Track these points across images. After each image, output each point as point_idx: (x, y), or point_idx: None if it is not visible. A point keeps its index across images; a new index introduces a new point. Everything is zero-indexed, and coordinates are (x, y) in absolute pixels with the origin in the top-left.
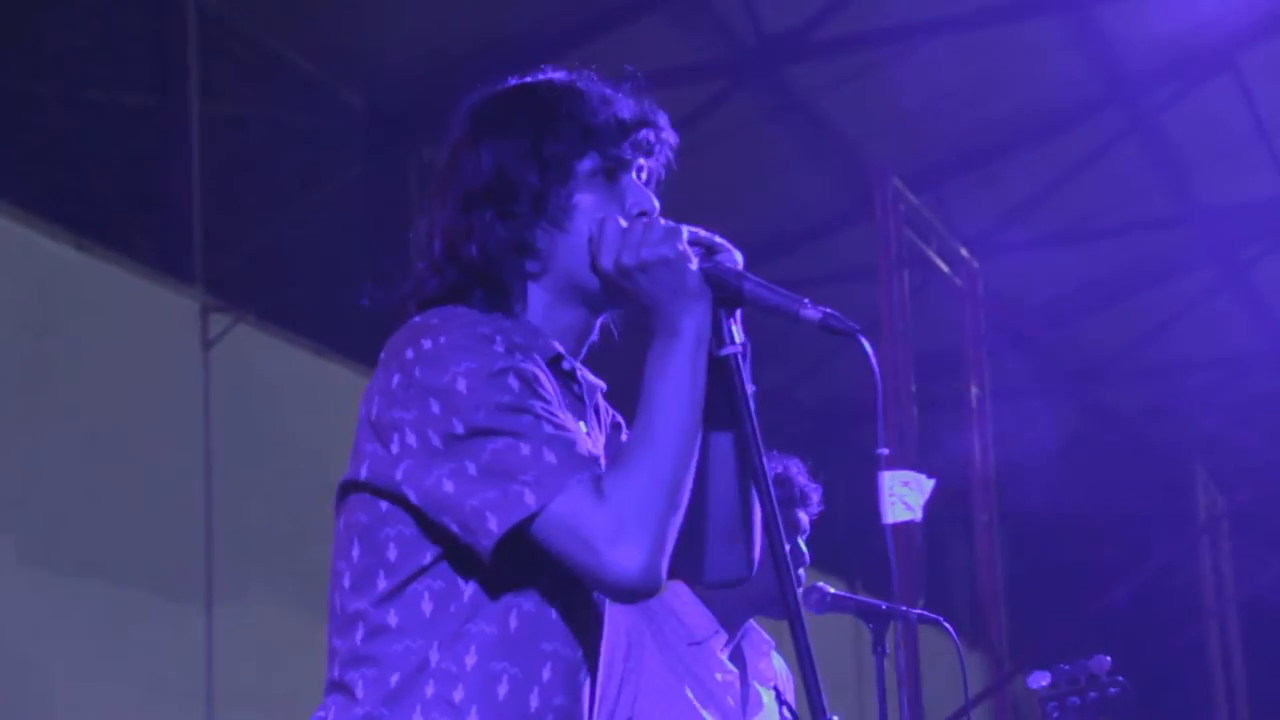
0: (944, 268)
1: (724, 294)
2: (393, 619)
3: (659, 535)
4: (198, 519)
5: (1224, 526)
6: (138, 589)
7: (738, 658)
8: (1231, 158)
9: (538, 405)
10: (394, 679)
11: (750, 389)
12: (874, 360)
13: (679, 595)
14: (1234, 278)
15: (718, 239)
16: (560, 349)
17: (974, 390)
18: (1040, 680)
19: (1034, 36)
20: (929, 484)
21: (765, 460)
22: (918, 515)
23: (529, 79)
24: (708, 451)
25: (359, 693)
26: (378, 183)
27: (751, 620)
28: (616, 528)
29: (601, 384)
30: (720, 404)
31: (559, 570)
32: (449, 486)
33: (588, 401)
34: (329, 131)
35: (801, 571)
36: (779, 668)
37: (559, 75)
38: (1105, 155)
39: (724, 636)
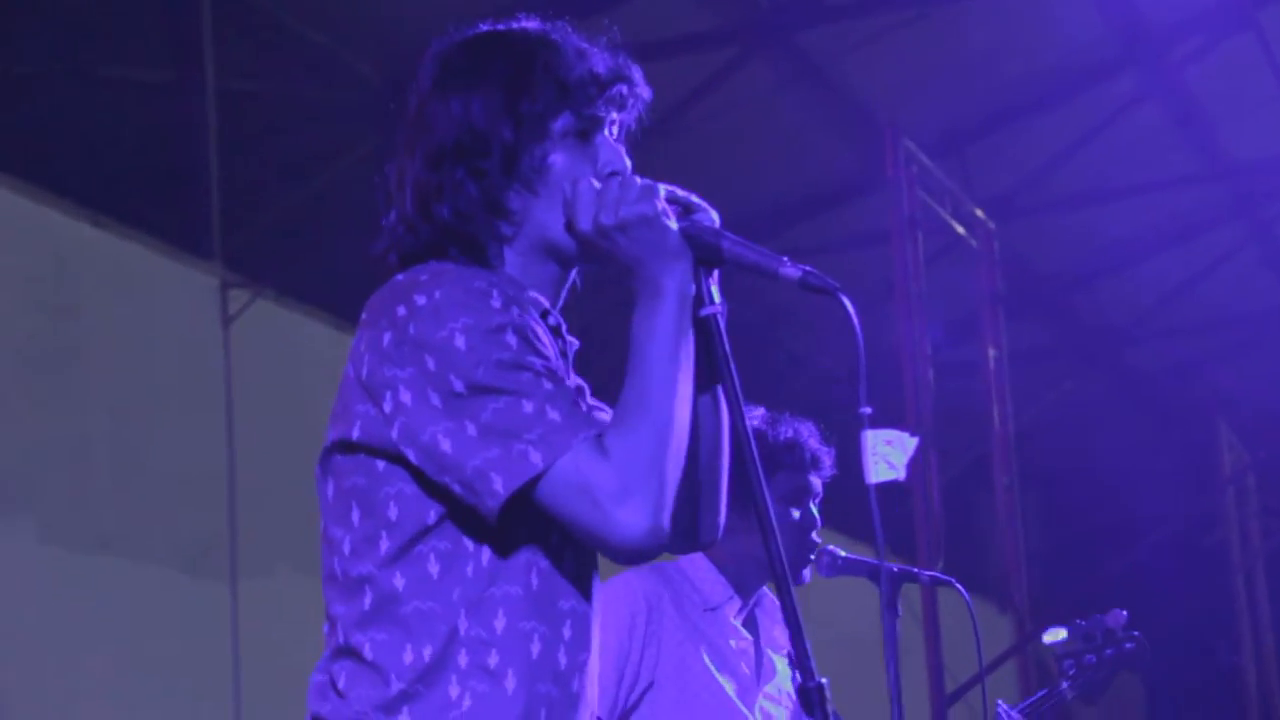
0: (959, 230)
1: (702, 253)
2: (399, 581)
3: (663, 493)
4: (220, 495)
5: (1249, 482)
6: (161, 566)
7: (751, 624)
8: (1254, 114)
9: (536, 362)
10: (426, 652)
11: (726, 350)
12: (855, 318)
13: (694, 561)
14: (1258, 234)
15: (694, 198)
16: (545, 303)
17: (991, 353)
18: (1056, 636)
19: None
20: (912, 442)
21: (747, 421)
22: (901, 474)
23: (501, 26)
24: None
25: (368, 655)
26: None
27: (764, 586)
28: (623, 486)
29: (575, 341)
30: (698, 365)
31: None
32: (446, 445)
33: (570, 357)
34: (345, 105)
35: (815, 535)
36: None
37: (532, 25)
38: (1126, 114)
39: (738, 603)
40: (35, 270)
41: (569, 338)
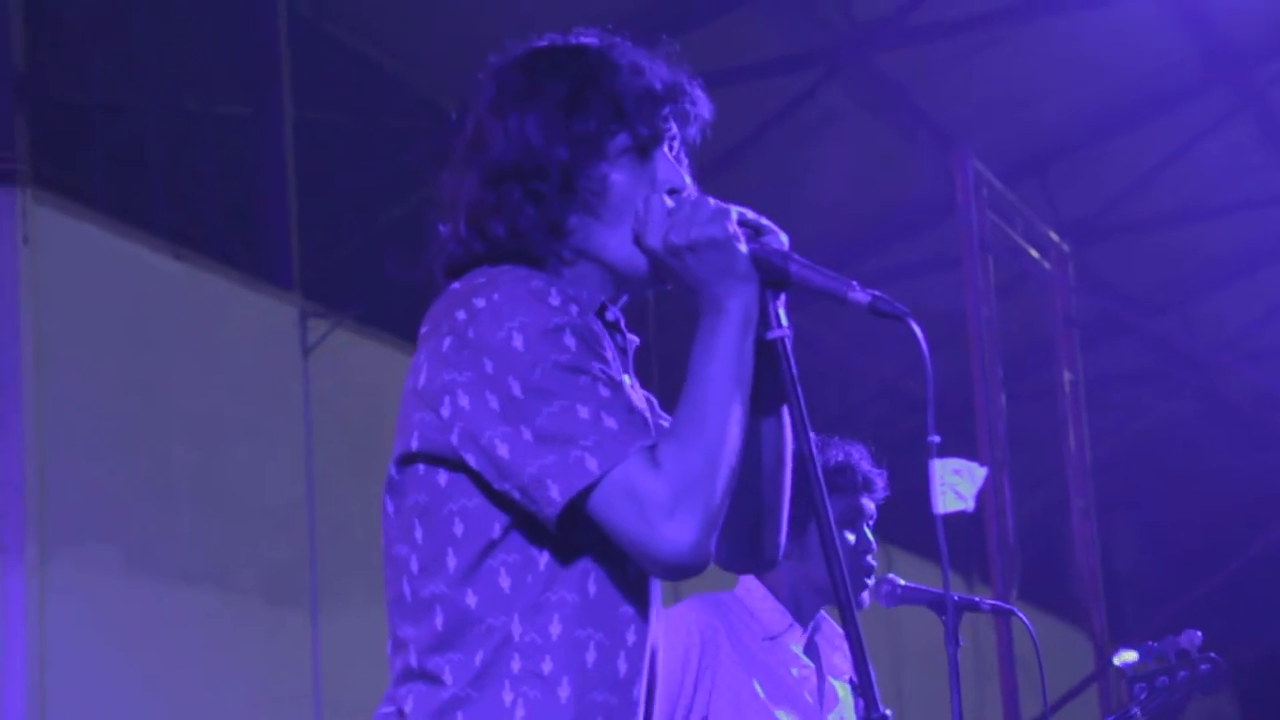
0: (1033, 253)
1: (770, 276)
2: (471, 599)
3: (713, 512)
4: (301, 525)
5: None
6: (243, 596)
7: (812, 651)
8: None
9: (595, 365)
10: (478, 658)
11: (792, 372)
12: (924, 344)
13: (751, 590)
14: None
15: (764, 220)
16: (604, 299)
17: (1067, 376)
18: (1126, 658)
19: (1132, 17)
20: (981, 472)
21: (814, 445)
22: (969, 505)
23: (559, 43)
24: (755, 436)
25: (447, 678)
26: None
27: (823, 612)
28: (674, 499)
29: (635, 339)
30: (761, 389)
31: None
32: (504, 451)
33: (630, 354)
34: (422, 135)
35: (870, 559)
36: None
37: (590, 40)
38: (1212, 134)
39: (799, 630)
40: (118, 302)
41: (629, 335)
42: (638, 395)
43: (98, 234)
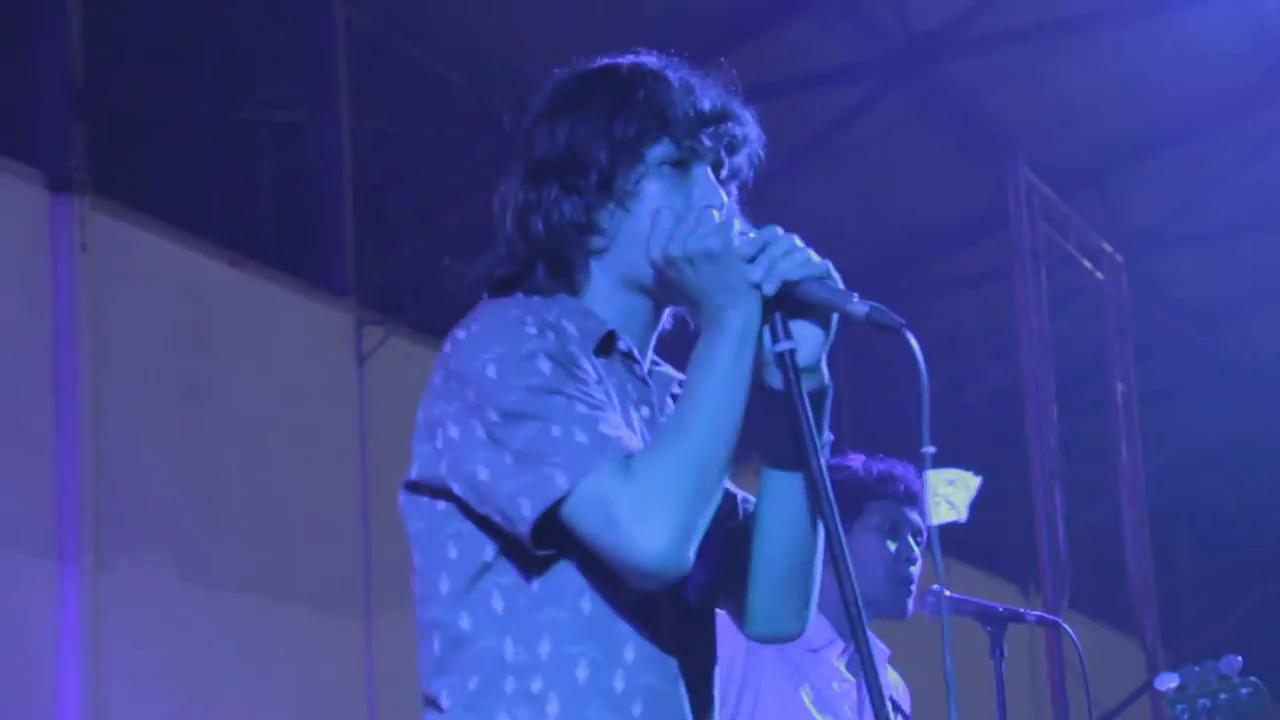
0: (1086, 264)
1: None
2: (465, 622)
3: (685, 518)
4: (355, 532)
5: None
6: (297, 603)
7: (853, 667)
8: None
9: (570, 386)
10: (473, 682)
11: (799, 387)
12: (919, 356)
13: None
14: None
15: (778, 229)
16: (613, 327)
17: (1119, 388)
18: (1168, 683)
19: (1192, 29)
20: (975, 482)
21: (823, 461)
22: (963, 515)
23: (617, 59)
24: (769, 493)
25: (445, 704)
26: None
27: (869, 630)
28: (642, 506)
29: (680, 375)
30: (783, 441)
31: None
32: (484, 474)
33: (655, 387)
34: (478, 144)
35: (912, 570)
36: (893, 679)
37: (648, 58)
38: (1272, 146)
39: (840, 644)
40: (175, 309)
41: (671, 372)
42: (635, 430)
43: (155, 241)
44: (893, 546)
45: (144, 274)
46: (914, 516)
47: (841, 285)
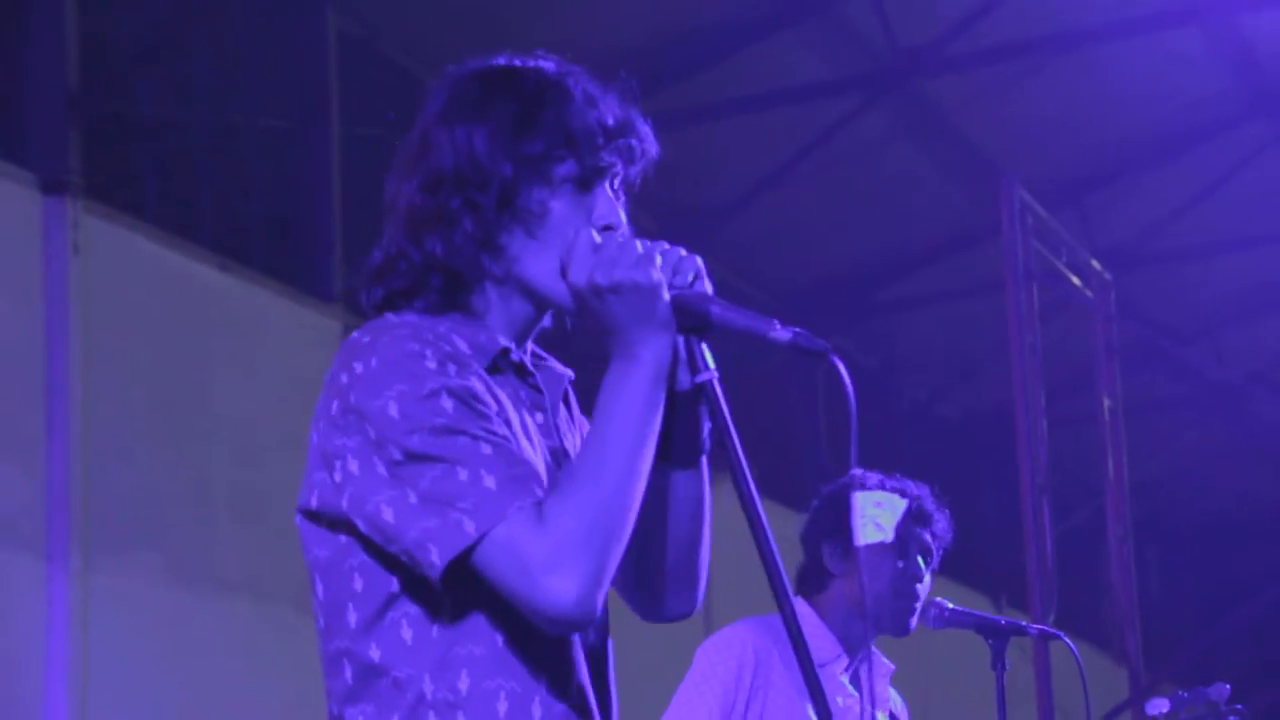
0: (1075, 280)
1: (692, 320)
2: (375, 652)
3: (598, 565)
4: None
5: None
6: (279, 604)
7: (857, 682)
8: None
9: (473, 424)
10: (395, 718)
11: (726, 415)
12: (847, 380)
13: (804, 617)
14: None
15: (693, 260)
16: (506, 343)
17: (1106, 403)
18: (1159, 708)
19: (1173, 48)
20: (901, 504)
21: (751, 484)
22: (889, 536)
23: (517, 63)
24: (668, 489)
25: None
26: None
27: (872, 645)
28: (556, 555)
29: (569, 372)
30: (679, 441)
31: None
32: (389, 515)
33: (548, 391)
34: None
35: (918, 586)
36: (893, 695)
37: (549, 65)
38: (1250, 164)
39: (845, 660)
40: (165, 311)
41: (560, 369)
42: (536, 441)
43: (146, 245)
44: (900, 564)
45: (135, 277)
46: (924, 535)
47: (710, 288)
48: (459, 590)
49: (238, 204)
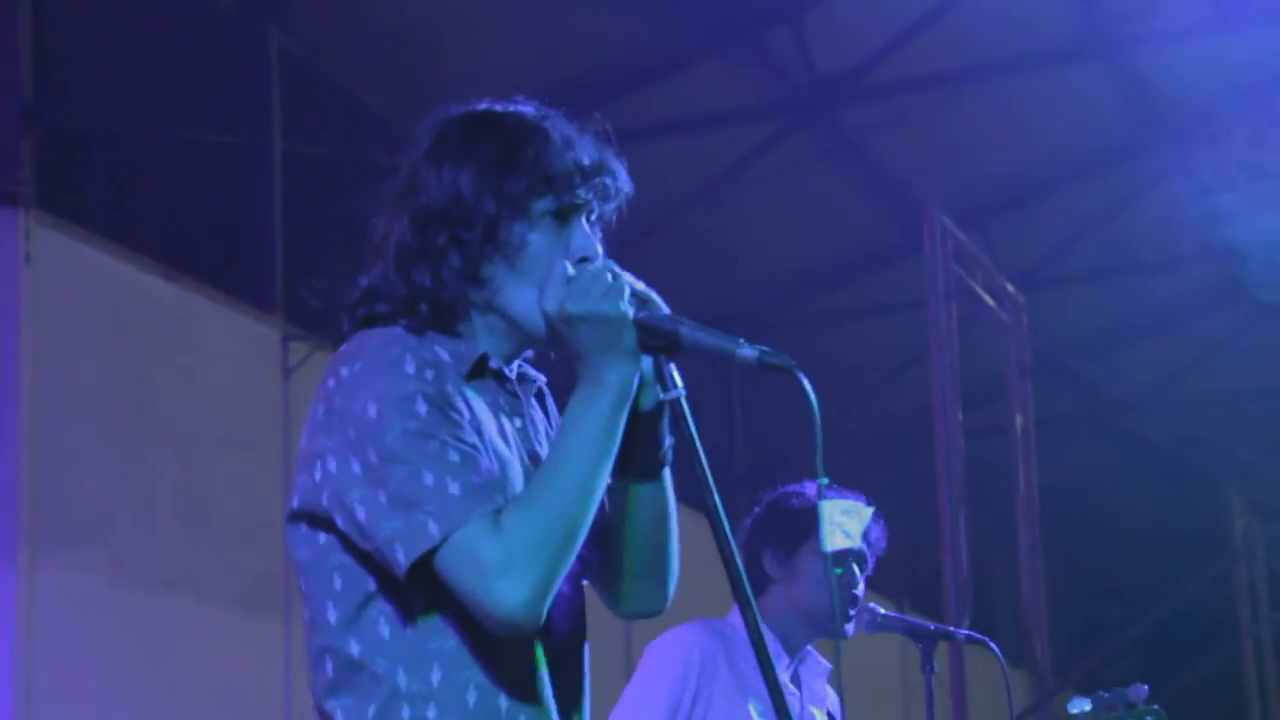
0: (990, 302)
1: (661, 341)
2: (354, 648)
3: (546, 574)
4: (277, 538)
5: (1259, 551)
6: (220, 603)
7: (796, 680)
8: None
9: (444, 430)
10: (370, 710)
11: (692, 430)
12: (812, 395)
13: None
14: (1268, 314)
15: (652, 293)
16: (485, 350)
17: (1019, 419)
18: (1080, 707)
19: (1075, 80)
20: (868, 512)
21: (717, 496)
22: (856, 543)
23: (498, 108)
24: (628, 499)
25: None
26: None
27: (810, 645)
28: (507, 561)
29: (540, 377)
30: (642, 455)
31: None
32: (361, 514)
33: (525, 397)
34: (388, 190)
35: (856, 591)
36: (830, 694)
37: (529, 110)
38: (1144, 194)
39: (786, 659)
40: (112, 319)
41: (533, 374)
42: (512, 445)
43: (94, 255)
44: (839, 570)
45: (83, 285)
46: (861, 543)
47: (666, 310)
48: (428, 588)
49: (183, 216)
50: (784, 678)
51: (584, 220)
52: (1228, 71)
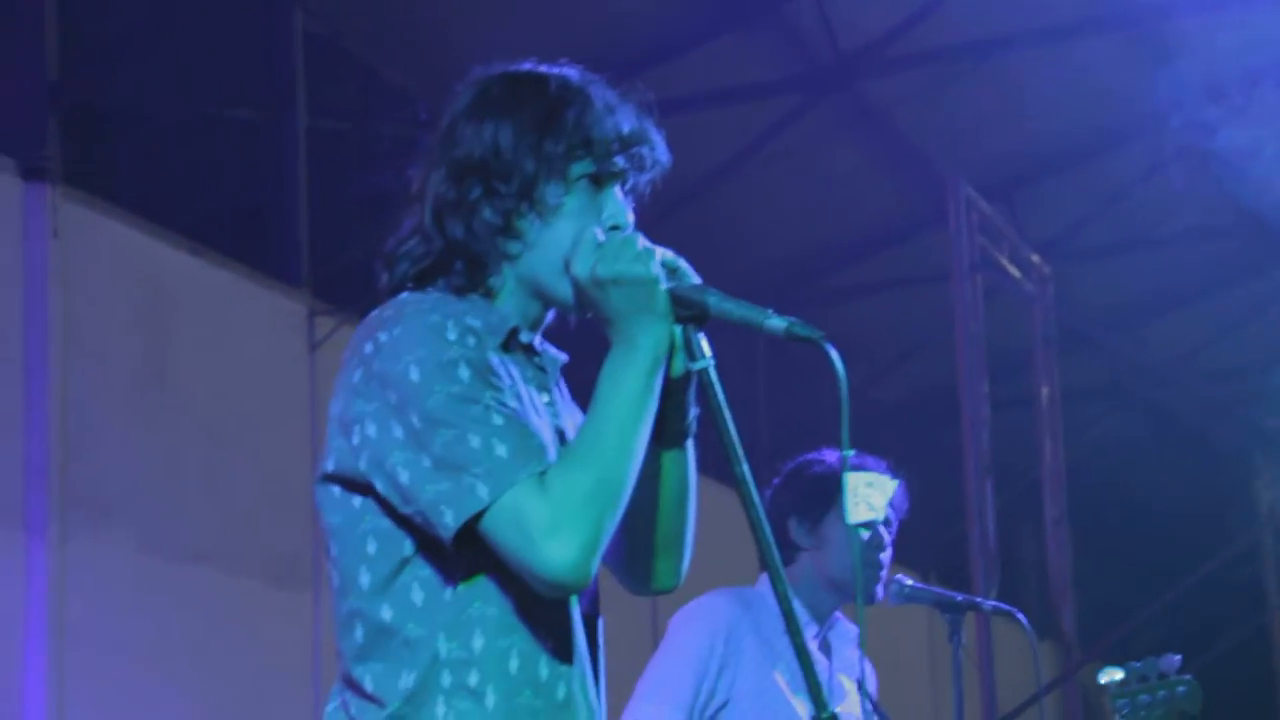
0: (1015, 273)
1: (690, 310)
2: (386, 613)
3: (594, 534)
4: (304, 511)
5: None
6: (248, 577)
7: (825, 648)
8: None
9: (487, 395)
10: (411, 677)
11: (721, 399)
12: (839, 365)
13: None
14: None
15: (681, 261)
16: (515, 323)
17: (1044, 391)
18: (1111, 676)
19: (1099, 51)
20: (893, 484)
21: (746, 465)
22: (880, 515)
23: (543, 69)
24: (656, 468)
25: (369, 688)
26: None
27: (839, 611)
28: (555, 521)
29: (562, 356)
30: (669, 423)
31: None
32: (405, 477)
33: (550, 372)
34: (425, 145)
35: (882, 556)
36: (860, 658)
37: (573, 73)
38: (1170, 165)
39: (814, 628)
40: (139, 294)
41: (554, 351)
42: (543, 417)
43: (121, 230)
44: (864, 534)
45: (110, 260)
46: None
47: (698, 279)
48: (471, 553)
49: (208, 191)
50: (812, 646)
51: (619, 189)
52: (1255, 43)
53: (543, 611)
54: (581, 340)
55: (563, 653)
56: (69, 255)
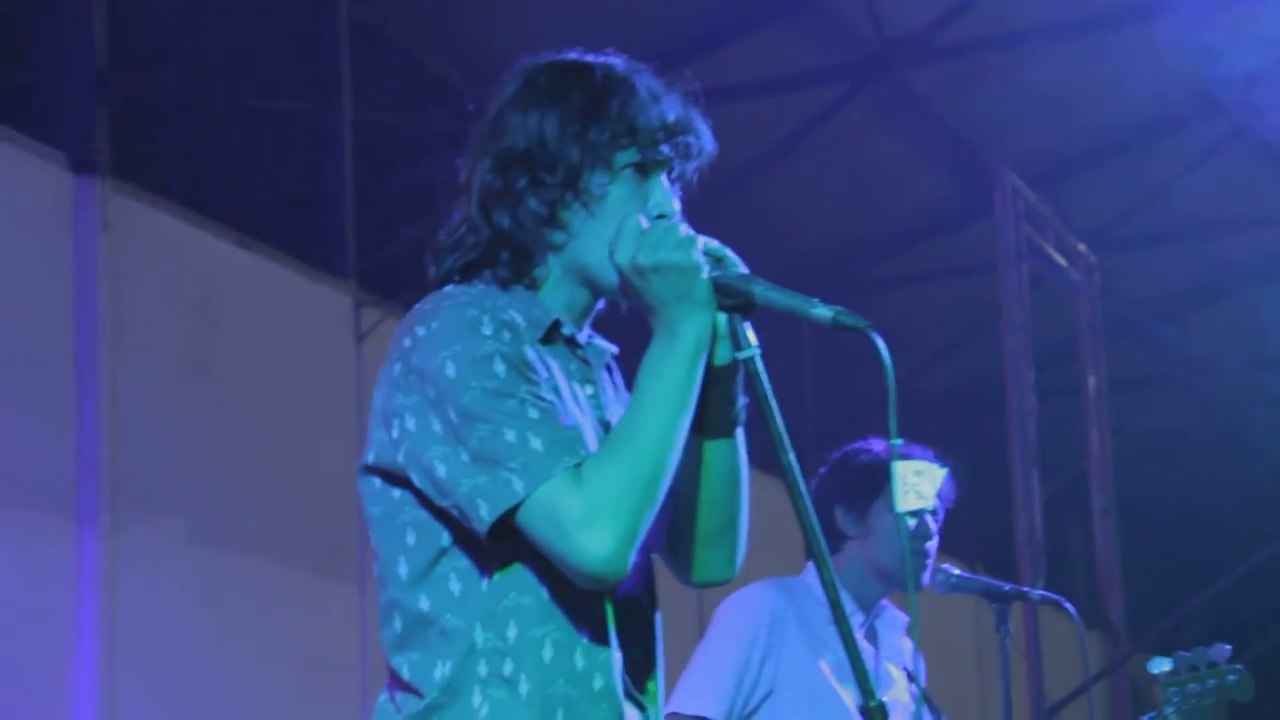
0: (1062, 262)
1: (736, 300)
2: (424, 603)
3: (630, 525)
4: (352, 503)
5: None
6: (296, 567)
7: (872, 636)
8: None
9: (523, 389)
10: (447, 666)
11: (767, 388)
12: (886, 355)
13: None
14: None
15: (727, 250)
16: (558, 316)
17: (1091, 381)
18: (1162, 666)
19: (1147, 40)
20: (941, 473)
21: (792, 455)
22: (929, 504)
23: (588, 58)
24: (702, 458)
25: (406, 677)
26: None
27: (886, 599)
28: (590, 513)
29: (612, 347)
30: (716, 413)
31: None
32: (441, 471)
33: (595, 364)
34: (471, 136)
35: (928, 545)
36: (907, 647)
37: (618, 62)
38: (1219, 153)
39: (860, 617)
40: (186, 287)
41: (603, 345)
42: (584, 410)
43: (169, 222)
44: (911, 522)
45: (159, 252)
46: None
47: (744, 269)
48: (506, 545)
49: (255, 183)
50: (859, 634)
51: (664, 178)
52: None
53: (580, 602)
54: (635, 330)
55: (599, 643)
56: (118, 248)
